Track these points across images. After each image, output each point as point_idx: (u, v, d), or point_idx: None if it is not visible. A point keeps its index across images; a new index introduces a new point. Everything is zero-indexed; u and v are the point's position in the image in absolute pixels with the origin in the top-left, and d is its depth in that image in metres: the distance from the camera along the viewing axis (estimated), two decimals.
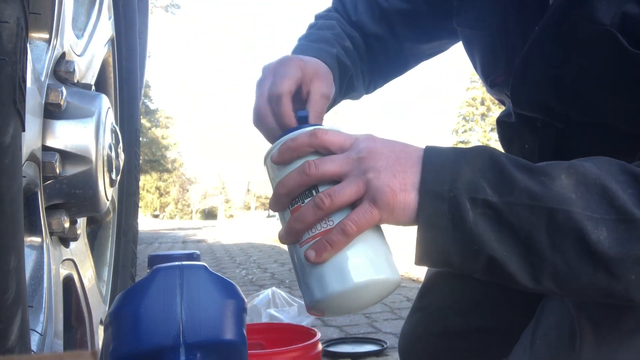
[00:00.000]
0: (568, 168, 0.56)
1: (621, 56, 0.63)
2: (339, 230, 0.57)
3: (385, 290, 0.60)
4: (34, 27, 0.69)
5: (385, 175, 0.57)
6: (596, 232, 0.53)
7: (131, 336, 0.49)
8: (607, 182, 0.54)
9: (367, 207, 0.57)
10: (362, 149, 0.59)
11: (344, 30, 0.93)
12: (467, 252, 0.56)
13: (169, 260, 0.54)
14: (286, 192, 0.61)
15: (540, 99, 0.75)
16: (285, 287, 2.79)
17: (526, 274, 0.55)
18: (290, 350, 0.84)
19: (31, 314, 0.65)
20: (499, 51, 0.81)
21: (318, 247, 0.58)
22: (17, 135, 0.47)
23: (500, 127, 0.94)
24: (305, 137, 0.62)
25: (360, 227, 0.57)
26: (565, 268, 0.54)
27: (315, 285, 0.59)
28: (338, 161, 0.59)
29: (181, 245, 5.85)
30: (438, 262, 0.58)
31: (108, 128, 0.83)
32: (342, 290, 0.57)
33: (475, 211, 0.55)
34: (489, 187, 0.56)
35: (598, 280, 0.54)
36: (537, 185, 0.55)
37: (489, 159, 0.57)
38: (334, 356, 1.63)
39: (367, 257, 0.59)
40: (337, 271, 0.58)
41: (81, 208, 0.78)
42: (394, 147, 0.60)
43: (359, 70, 0.93)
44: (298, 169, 0.60)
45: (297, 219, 0.60)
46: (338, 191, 0.57)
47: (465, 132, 35.60)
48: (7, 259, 0.45)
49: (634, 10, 0.62)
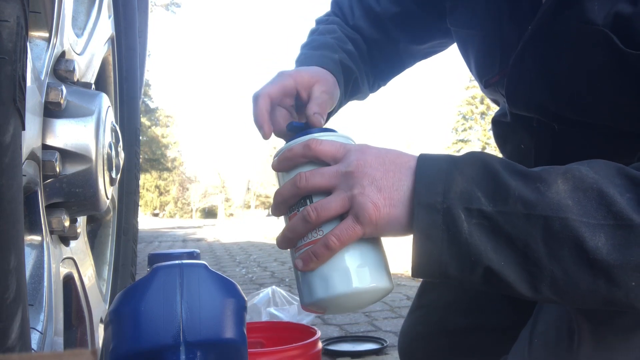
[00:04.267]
0: (564, 173, 0.55)
1: (614, 56, 0.63)
2: (323, 244, 0.60)
3: (378, 295, 0.63)
4: (34, 26, 0.69)
5: (370, 190, 0.58)
6: (594, 239, 0.52)
7: (131, 335, 0.49)
8: (604, 186, 0.53)
9: (351, 222, 0.59)
10: (351, 162, 0.60)
11: (345, 33, 0.93)
12: (464, 264, 0.56)
13: (169, 259, 0.54)
14: (282, 201, 0.64)
15: (535, 98, 0.75)
16: (285, 285, 2.79)
17: (525, 283, 0.55)
18: (290, 349, 0.84)
19: (31, 312, 0.65)
20: (494, 51, 0.81)
21: (305, 257, 0.62)
22: (17, 134, 0.47)
23: (496, 127, 0.94)
24: (299, 148, 0.64)
25: (343, 242, 0.59)
26: (564, 277, 0.53)
27: (305, 289, 0.64)
28: (327, 175, 0.61)
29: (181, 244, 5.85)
30: (434, 274, 0.57)
31: (108, 127, 0.83)
32: (327, 295, 0.61)
33: (470, 222, 0.55)
34: (483, 196, 0.55)
35: (598, 288, 0.53)
36: (532, 192, 0.54)
37: (483, 166, 0.57)
38: (333, 354, 1.63)
39: (355, 265, 0.61)
40: (323, 279, 0.61)
41: (81, 207, 0.78)
42: (385, 159, 0.60)
43: (362, 71, 0.93)
44: (291, 181, 0.63)
45: (289, 228, 0.63)
46: (324, 205, 0.60)
47: (465, 130, 35.56)
48: (8, 258, 0.45)
49: (627, 9, 0.61)
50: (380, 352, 1.64)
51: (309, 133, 0.67)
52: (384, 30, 0.95)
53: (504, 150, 0.93)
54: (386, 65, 0.99)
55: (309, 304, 0.64)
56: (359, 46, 0.94)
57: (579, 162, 0.57)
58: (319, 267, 0.61)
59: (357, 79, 0.90)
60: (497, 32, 0.79)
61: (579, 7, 0.64)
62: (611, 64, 0.64)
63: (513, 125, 0.86)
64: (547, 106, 0.74)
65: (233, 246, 5.34)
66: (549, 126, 0.78)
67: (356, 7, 0.96)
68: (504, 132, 0.91)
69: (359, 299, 0.62)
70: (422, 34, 0.97)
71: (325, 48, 0.87)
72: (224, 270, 3.47)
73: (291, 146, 0.65)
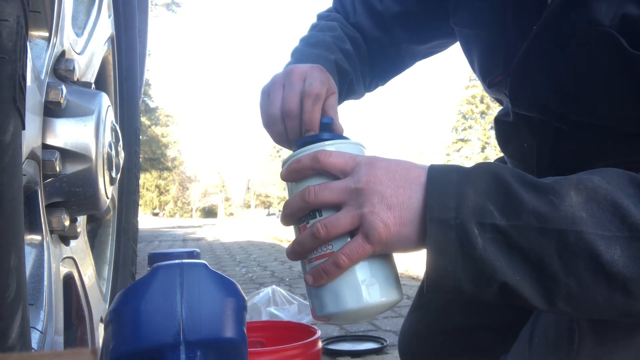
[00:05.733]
0: (577, 184, 0.54)
1: (621, 57, 0.63)
2: (332, 262, 0.60)
3: (388, 307, 0.64)
4: (34, 25, 0.69)
5: (379, 209, 0.57)
6: (610, 252, 0.51)
7: (131, 334, 0.49)
8: (618, 197, 0.53)
9: (361, 241, 0.59)
10: (361, 178, 0.59)
11: (345, 31, 0.93)
12: (479, 279, 0.55)
13: (169, 259, 0.54)
14: (290, 213, 0.64)
15: (538, 98, 0.75)
16: (285, 285, 2.79)
17: (540, 297, 0.54)
18: (291, 348, 0.84)
19: (32, 312, 0.65)
20: (498, 51, 0.81)
21: (315, 274, 0.62)
22: (17, 134, 0.47)
23: (498, 126, 0.93)
24: (307, 160, 0.63)
25: (353, 260, 0.59)
26: (580, 290, 0.53)
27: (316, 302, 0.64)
28: (336, 190, 0.60)
29: (181, 243, 5.85)
30: (448, 289, 0.57)
31: (108, 126, 0.83)
32: (338, 310, 0.62)
33: (484, 237, 0.54)
34: (496, 210, 0.54)
35: (614, 301, 0.53)
36: (545, 205, 0.54)
37: (494, 179, 0.56)
38: (334, 354, 1.63)
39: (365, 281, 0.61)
40: (334, 294, 0.62)
41: (81, 206, 0.78)
42: (395, 174, 0.59)
43: (359, 72, 0.93)
44: (299, 194, 0.62)
45: (299, 242, 0.63)
46: (333, 222, 0.59)
47: (465, 130, 35.53)
48: (8, 257, 0.45)
49: (634, 11, 0.60)
50: (380, 352, 1.64)
51: (320, 139, 0.66)
52: (385, 28, 0.95)
53: (506, 150, 0.92)
54: (386, 64, 0.99)
55: (320, 317, 0.65)
56: (358, 45, 0.94)
57: (590, 172, 0.57)
58: (329, 283, 0.62)
59: (352, 80, 0.90)
60: (501, 32, 0.79)
61: (586, 7, 0.64)
62: (617, 65, 0.64)
63: (516, 125, 0.85)
64: (551, 106, 0.74)
65: (233, 245, 5.34)
66: (552, 126, 0.78)
67: (358, 4, 0.96)
68: (507, 131, 0.90)
69: (369, 312, 0.63)
70: (424, 33, 0.96)
71: (322, 47, 0.86)
72: (224, 269, 3.47)
73: (299, 157, 0.64)
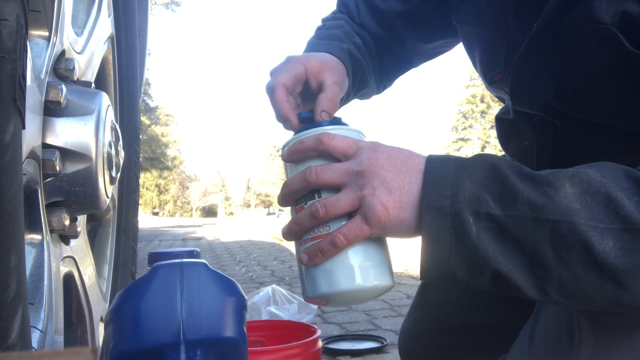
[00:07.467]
0: (572, 176, 0.55)
1: (621, 55, 0.63)
2: (329, 241, 0.60)
3: (380, 292, 0.64)
4: (34, 25, 0.69)
5: (380, 191, 0.58)
6: (602, 243, 0.52)
7: (131, 333, 0.49)
8: (612, 190, 0.53)
9: (359, 222, 0.59)
10: (363, 161, 0.60)
11: (353, 29, 0.93)
12: (472, 267, 0.56)
13: (169, 258, 0.54)
14: (289, 193, 0.64)
15: (539, 96, 0.75)
16: (285, 284, 2.79)
17: (533, 286, 0.55)
18: (290, 347, 0.84)
19: (32, 311, 0.65)
20: (499, 48, 0.81)
21: (310, 252, 0.62)
22: (17, 133, 0.47)
23: (499, 125, 0.94)
24: (311, 141, 0.63)
25: (350, 240, 0.60)
26: (572, 280, 0.54)
27: (308, 282, 0.64)
28: (338, 171, 0.61)
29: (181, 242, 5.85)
30: (442, 277, 0.57)
31: (108, 126, 0.83)
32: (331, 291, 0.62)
33: (478, 225, 0.55)
34: (491, 200, 0.55)
35: (605, 291, 0.53)
36: (540, 196, 0.54)
37: (491, 169, 0.57)
38: (334, 353, 1.63)
39: (359, 263, 0.62)
40: (327, 275, 0.62)
41: (81, 205, 0.78)
42: (397, 160, 0.60)
43: (370, 66, 0.93)
44: (300, 174, 0.63)
45: (296, 222, 0.63)
46: (333, 203, 0.60)
47: (465, 129, 35.55)
48: (8, 257, 0.45)
49: (635, 9, 0.61)
50: (380, 351, 1.64)
51: (320, 125, 0.67)
52: (389, 28, 0.95)
53: (507, 148, 0.93)
54: (393, 62, 0.99)
55: (311, 297, 0.65)
56: (367, 42, 0.94)
57: (586, 165, 0.57)
58: (324, 263, 0.62)
59: (365, 71, 0.90)
60: (502, 29, 0.79)
61: (586, 5, 0.64)
62: (617, 63, 0.64)
63: (516, 123, 0.85)
64: (551, 104, 0.74)
65: (233, 245, 5.34)
66: (553, 124, 0.78)
67: (361, 5, 0.97)
68: (508, 129, 0.91)
69: (361, 295, 0.63)
70: (429, 32, 0.97)
71: (333, 38, 0.87)
72: (224, 269, 3.47)
73: (302, 138, 0.65)
